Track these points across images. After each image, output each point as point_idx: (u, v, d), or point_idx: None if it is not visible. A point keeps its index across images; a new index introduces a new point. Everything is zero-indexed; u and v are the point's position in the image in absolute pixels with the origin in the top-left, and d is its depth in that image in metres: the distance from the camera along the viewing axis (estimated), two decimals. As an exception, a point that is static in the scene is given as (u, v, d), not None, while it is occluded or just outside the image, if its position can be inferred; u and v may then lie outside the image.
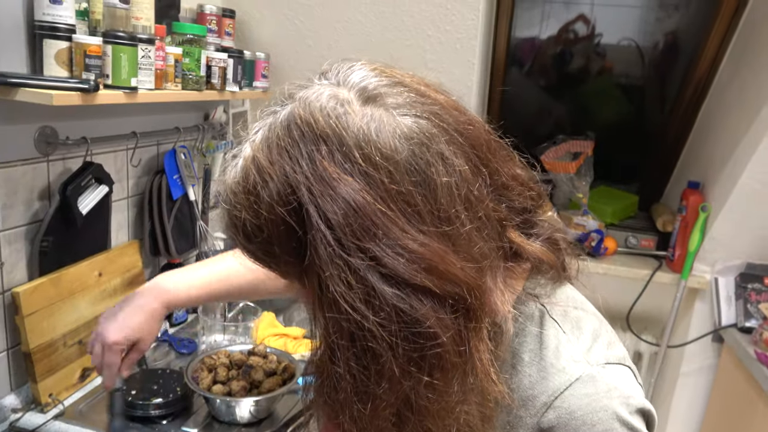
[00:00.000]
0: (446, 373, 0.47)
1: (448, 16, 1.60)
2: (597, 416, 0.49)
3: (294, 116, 0.49)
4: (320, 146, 0.46)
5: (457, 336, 0.47)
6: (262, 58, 1.69)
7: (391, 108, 0.48)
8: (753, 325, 1.82)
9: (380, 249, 0.45)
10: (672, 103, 2.13)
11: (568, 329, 0.54)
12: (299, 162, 0.47)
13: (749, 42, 1.74)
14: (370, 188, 0.46)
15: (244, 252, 0.54)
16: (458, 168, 0.48)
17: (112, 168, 1.35)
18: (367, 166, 0.46)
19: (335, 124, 0.47)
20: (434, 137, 0.48)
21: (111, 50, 1.10)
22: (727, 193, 1.76)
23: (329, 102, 0.48)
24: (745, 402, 1.72)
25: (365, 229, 0.45)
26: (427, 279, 0.45)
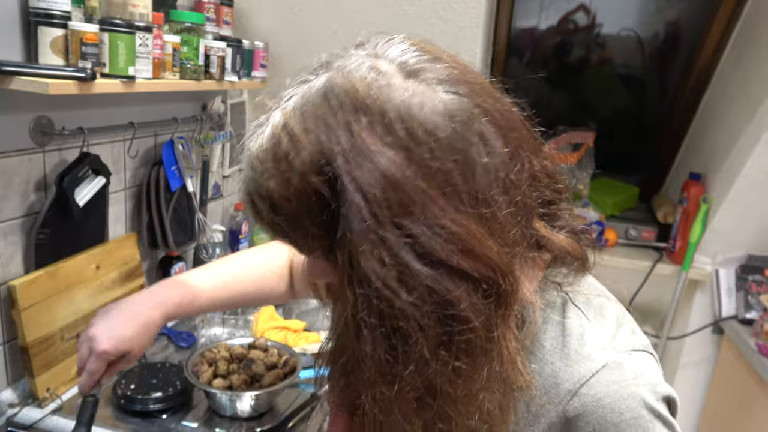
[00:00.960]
0: (474, 358, 0.46)
1: (450, 4, 1.58)
2: (625, 404, 0.48)
3: (332, 85, 0.47)
4: (360, 117, 0.45)
5: (488, 321, 0.46)
6: (261, 48, 1.67)
7: (433, 83, 0.47)
8: (753, 316, 1.82)
9: (417, 226, 0.44)
10: (673, 93, 2.11)
11: (591, 316, 0.53)
12: (336, 132, 0.45)
13: (753, 32, 1.73)
14: (410, 163, 0.44)
15: (266, 225, 0.51)
16: (498, 150, 0.47)
17: (109, 159, 1.33)
18: (408, 141, 0.44)
19: (376, 96, 0.45)
20: (475, 117, 0.47)
21: (108, 38, 1.07)
22: (729, 184, 1.75)
23: (370, 73, 0.47)
24: (745, 393, 1.72)
25: (403, 204, 0.44)
26: (464, 261, 0.44)
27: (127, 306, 0.86)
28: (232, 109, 1.82)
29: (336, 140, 0.45)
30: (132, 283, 1.41)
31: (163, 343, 1.42)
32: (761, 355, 1.64)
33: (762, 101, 1.62)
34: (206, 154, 1.66)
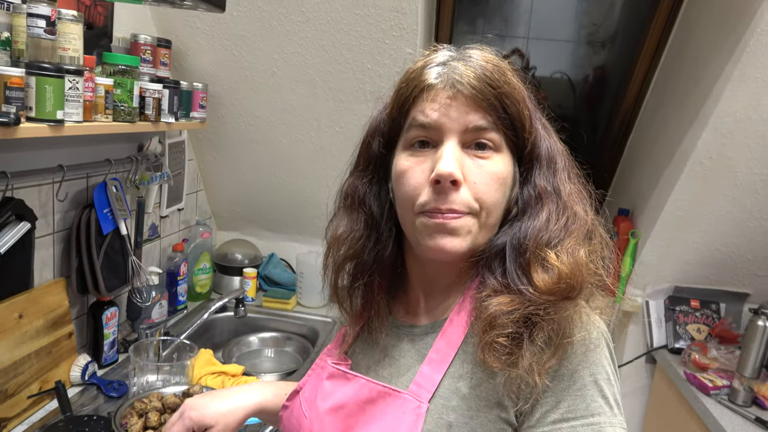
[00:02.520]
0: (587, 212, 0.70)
1: (386, 50, 1.63)
2: (593, 324, 0.64)
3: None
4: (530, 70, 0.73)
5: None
6: (200, 89, 1.67)
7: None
8: (682, 345, 1.91)
9: (542, 125, 0.73)
10: (602, 134, 2.23)
11: None
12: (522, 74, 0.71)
13: (669, 79, 1.86)
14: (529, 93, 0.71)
15: (497, 97, 0.66)
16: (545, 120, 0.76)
17: (36, 203, 1.28)
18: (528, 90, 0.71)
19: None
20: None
21: (35, 82, 1.05)
22: (654, 220, 1.85)
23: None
24: (678, 420, 1.79)
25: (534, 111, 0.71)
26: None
27: (230, 388, 0.90)
28: (170, 148, 1.80)
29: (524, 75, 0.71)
30: (59, 330, 1.34)
31: (92, 393, 1.36)
32: (689, 384, 1.71)
33: (678, 145, 1.74)
34: (141, 195, 1.63)
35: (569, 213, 0.67)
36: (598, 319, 0.65)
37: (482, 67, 0.65)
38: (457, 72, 0.65)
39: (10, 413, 1.19)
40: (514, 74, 0.68)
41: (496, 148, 0.66)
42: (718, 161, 1.65)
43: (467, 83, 0.64)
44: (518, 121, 0.67)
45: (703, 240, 1.85)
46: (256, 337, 1.87)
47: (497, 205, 0.66)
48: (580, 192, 0.70)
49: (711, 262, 1.91)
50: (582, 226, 0.66)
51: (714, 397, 1.64)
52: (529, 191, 0.68)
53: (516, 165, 0.69)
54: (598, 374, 0.61)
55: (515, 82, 0.67)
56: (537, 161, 0.69)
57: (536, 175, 0.69)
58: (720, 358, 1.77)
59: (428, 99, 0.66)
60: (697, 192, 1.73)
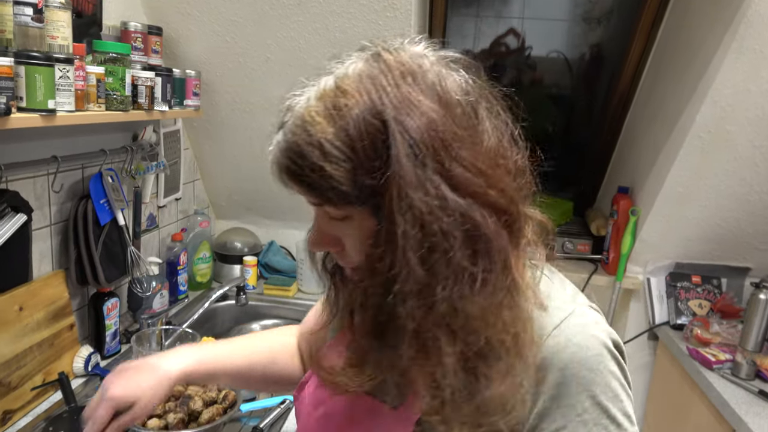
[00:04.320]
0: (494, 274, 0.55)
1: (380, 31, 1.61)
2: (590, 342, 0.59)
3: (380, 56, 0.57)
4: (407, 79, 0.55)
5: (506, 242, 0.56)
6: (193, 76, 1.65)
7: (453, 70, 0.59)
8: (684, 321, 1.91)
9: (452, 164, 0.54)
10: (600, 111, 2.22)
11: (555, 282, 0.65)
12: (386, 89, 0.54)
13: (666, 54, 1.84)
14: (447, 114, 0.55)
15: (306, 176, 0.56)
16: (497, 123, 0.60)
17: (32, 194, 1.27)
18: (446, 98, 0.56)
19: (418, 65, 0.57)
20: (481, 96, 0.60)
21: (24, 71, 1.04)
22: (653, 197, 1.85)
23: (410, 52, 0.58)
24: (681, 396, 1.79)
25: (442, 146, 0.54)
26: (489, 192, 0.55)
27: (146, 360, 0.86)
28: (165, 138, 1.78)
29: (386, 94, 0.54)
30: (60, 322, 1.34)
31: (96, 383, 1.36)
32: (692, 359, 1.72)
33: (676, 120, 1.72)
34: (138, 185, 1.62)
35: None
36: (596, 328, 0.60)
37: (283, 143, 0.58)
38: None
39: (14, 405, 1.19)
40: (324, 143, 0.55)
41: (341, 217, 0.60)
42: (717, 135, 1.64)
43: (272, 162, 0.60)
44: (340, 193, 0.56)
45: (704, 215, 1.84)
46: (258, 324, 1.87)
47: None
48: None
49: (712, 237, 1.90)
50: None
51: (717, 371, 1.64)
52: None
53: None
54: (600, 394, 0.57)
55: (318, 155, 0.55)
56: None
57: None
58: (722, 333, 1.78)
59: None
60: (696, 167, 1.72)
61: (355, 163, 0.54)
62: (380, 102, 0.54)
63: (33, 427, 1.18)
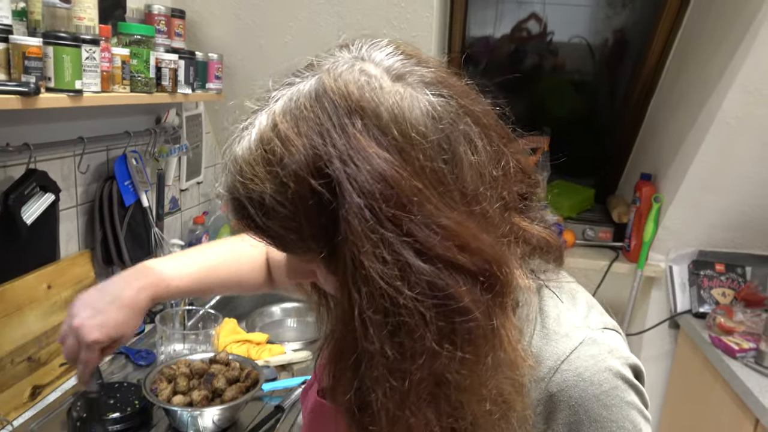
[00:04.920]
0: (478, 348, 0.47)
1: (402, 14, 1.60)
2: (603, 376, 0.51)
3: (324, 87, 0.47)
4: (355, 119, 0.46)
5: (487, 311, 0.48)
6: (215, 59, 1.66)
7: (419, 87, 0.49)
8: (706, 310, 1.89)
9: (415, 225, 0.45)
10: (623, 97, 2.19)
11: (565, 299, 0.57)
12: (331, 134, 0.46)
13: (692, 39, 1.81)
14: (406, 164, 0.46)
15: (256, 231, 0.51)
16: (482, 148, 0.49)
17: (59, 175, 1.29)
18: (403, 142, 0.46)
19: (370, 98, 0.46)
20: (460, 118, 0.49)
21: (52, 51, 1.05)
22: (678, 184, 1.82)
23: (361, 76, 0.48)
24: (702, 385, 1.78)
25: (401, 204, 0.45)
26: (461, 255, 0.46)
27: (109, 291, 0.80)
28: (187, 121, 1.80)
29: (332, 142, 0.46)
30: (86, 302, 1.37)
31: (121, 362, 1.39)
32: (715, 347, 1.70)
33: (702, 106, 1.69)
34: (161, 167, 1.63)
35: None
36: (610, 358, 0.52)
37: (226, 194, 0.52)
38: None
39: (43, 380, 1.22)
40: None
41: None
42: (744, 120, 1.61)
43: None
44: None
45: (729, 202, 1.81)
46: (278, 307, 1.89)
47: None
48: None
49: (736, 224, 1.87)
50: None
51: (740, 359, 1.62)
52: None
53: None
54: (618, 429, 0.52)
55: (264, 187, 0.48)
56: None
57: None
58: (746, 322, 1.75)
59: None
60: (722, 153, 1.69)
61: (302, 224, 0.47)
62: (324, 152, 0.45)
63: (61, 402, 1.21)
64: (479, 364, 0.48)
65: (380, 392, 0.47)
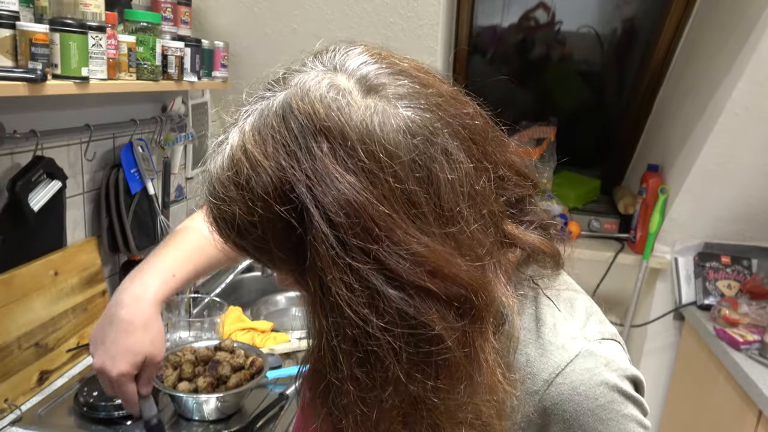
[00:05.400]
0: (452, 375, 0.46)
1: (410, 2, 1.59)
2: (599, 390, 0.50)
3: (291, 106, 0.46)
4: (321, 142, 0.44)
5: (463, 338, 0.46)
6: (221, 47, 1.65)
7: (393, 99, 0.46)
8: (711, 302, 1.88)
9: (383, 251, 0.43)
10: (630, 88, 2.17)
11: (562, 308, 0.55)
12: (297, 157, 0.44)
13: (702, 29, 1.79)
14: (374, 188, 0.44)
15: (234, 246, 0.50)
16: (462, 164, 0.47)
17: (65, 162, 1.30)
18: (371, 164, 0.44)
19: (337, 117, 0.45)
20: (438, 131, 0.46)
21: (59, 38, 1.05)
22: (684, 175, 1.81)
23: (329, 92, 0.46)
24: (706, 376, 1.78)
25: (368, 230, 0.43)
26: (432, 282, 0.44)
27: (113, 318, 0.81)
28: (193, 109, 1.80)
29: (298, 167, 0.44)
30: (93, 288, 1.38)
31: (127, 348, 1.40)
32: (719, 339, 1.70)
33: (711, 97, 1.68)
34: (167, 155, 1.64)
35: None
36: (606, 371, 0.51)
37: (205, 209, 0.52)
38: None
39: (51, 366, 1.23)
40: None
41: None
42: (754, 111, 1.59)
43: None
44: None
45: (736, 194, 1.80)
46: (283, 296, 1.90)
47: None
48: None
49: (743, 217, 1.86)
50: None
51: (744, 351, 1.62)
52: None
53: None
54: None
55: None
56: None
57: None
58: (751, 314, 1.75)
59: None
60: (730, 144, 1.68)
61: (271, 246, 0.47)
62: (291, 175, 0.44)
63: (68, 387, 1.22)
64: (454, 391, 0.46)
65: (351, 419, 0.46)
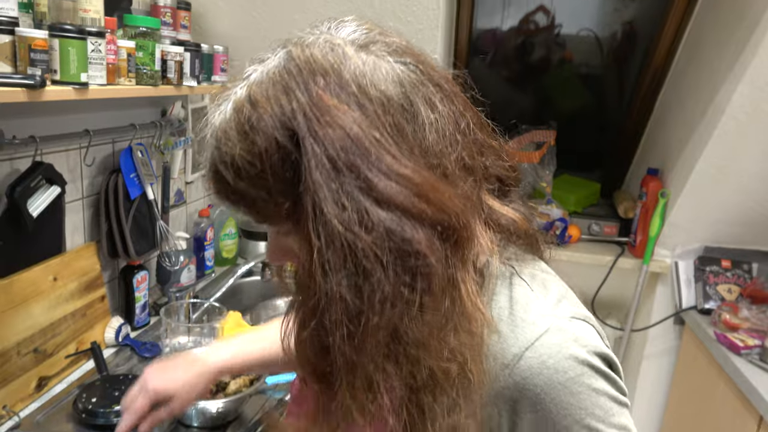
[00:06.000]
0: (435, 296, 0.48)
1: (409, 6, 1.59)
2: (568, 363, 0.51)
3: (291, 55, 0.51)
4: (318, 79, 0.49)
5: (445, 261, 0.49)
6: (221, 52, 1.65)
7: (383, 54, 0.52)
8: (712, 306, 1.88)
9: (373, 173, 0.47)
10: (630, 92, 2.17)
11: (536, 287, 0.57)
12: (296, 93, 0.49)
13: (703, 32, 1.79)
14: (365, 117, 0.48)
15: (231, 196, 0.53)
16: (443, 111, 0.52)
17: (65, 167, 1.29)
18: (362, 98, 0.49)
19: (333, 61, 0.50)
20: (422, 83, 0.52)
21: (58, 44, 1.05)
22: (685, 179, 1.81)
23: (326, 45, 0.51)
24: (706, 381, 1.77)
25: (360, 154, 0.47)
26: (418, 203, 0.48)
27: (186, 355, 0.90)
28: (193, 114, 1.79)
29: (295, 99, 0.49)
30: (92, 294, 1.37)
31: (126, 354, 1.40)
32: (719, 344, 1.69)
33: (711, 100, 1.67)
34: (167, 160, 1.63)
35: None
36: (575, 345, 0.52)
37: (205, 163, 0.55)
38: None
39: (50, 372, 1.23)
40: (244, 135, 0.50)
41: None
42: (754, 116, 1.59)
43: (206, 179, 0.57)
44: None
45: (736, 198, 1.80)
46: (283, 300, 1.89)
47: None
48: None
49: (744, 220, 1.86)
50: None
51: (745, 356, 1.62)
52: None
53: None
54: (587, 417, 0.51)
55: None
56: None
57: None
58: (751, 318, 1.74)
59: None
60: (731, 148, 1.68)
61: (269, 179, 0.50)
62: (290, 110, 0.49)
63: (67, 393, 1.22)
64: (437, 315, 0.49)
65: (338, 335, 0.48)
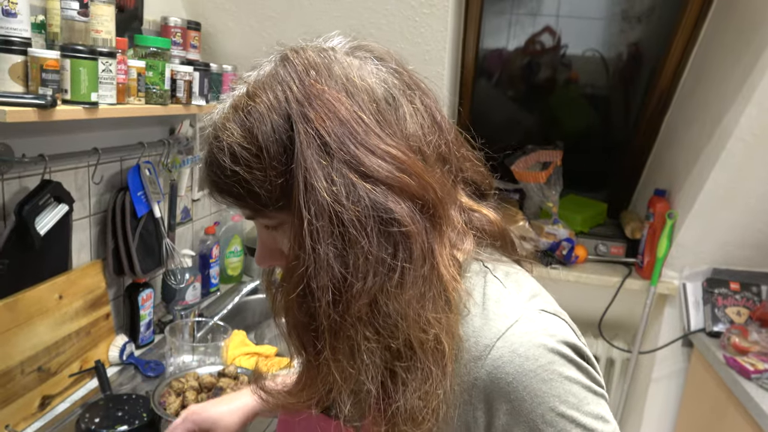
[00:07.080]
0: (414, 265, 0.52)
1: (417, 28, 1.60)
2: (537, 351, 0.53)
3: (287, 57, 0.58)
4: (310, 72, 0.55)
5: (425, 232, 0.53)
6: (230, 71, 1.66)
7: (367, 59, 0.58)
8: (720, 329, 1.86)
9: (360, 150, 0.53)
10: (637, 112, 2.17)
11: (509, 285, 0.59)
12: (290, 84, 0.55)
13: (709, 54, 1.79)
14: (352, 102, 0.54)
15: (227, 186, 0.57)
16: (420, 108, 0.58)
17: (73, 185, 1.30)
18: (350, 87, 0.55)
19: (323, 57, 0.57)
20: (403, 83, 0.58)
21: (69, 64, 1.06)
22: (692, 200, 1.80)
23: (317, 49, 0.58)
24: (715, 405, 1.75)
25: (348, 133, 0.53)
26: (401, 178, 0.53)
27: (232, 394, 0.96)
28: (201, 132, 1.80)
29: (289, 89, 0.55)
30: (97, 311, 1.37)
31: (130, 373, 1.39)
32: (729, 367, 1.67)
33: (719, 122, 1.67)
34: (174, 178, 1.64)
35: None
36: (543, 334, 0.54)
37: (203, 156, 0.61)
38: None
39: (53, 390, 1.22)
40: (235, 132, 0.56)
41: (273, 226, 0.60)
42: (762, 137, 1.59)
43: (201, 180, 0.64)
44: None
45: (745, 220, 1.79)
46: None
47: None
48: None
49: (752, 243, 1.85)
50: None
51: (755, 381, 1.59)
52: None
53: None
54: (560, 404, 0.52)
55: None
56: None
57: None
58: (761, 342, 1.72)
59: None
60: (738, 170, 1.67)
61: (265, 163, 0.54)
62: (284, 98, 0.54)
63: (70, 413, 1.21)
64: (416, 282, 0.52)
65: (324, 301, 0.52)
